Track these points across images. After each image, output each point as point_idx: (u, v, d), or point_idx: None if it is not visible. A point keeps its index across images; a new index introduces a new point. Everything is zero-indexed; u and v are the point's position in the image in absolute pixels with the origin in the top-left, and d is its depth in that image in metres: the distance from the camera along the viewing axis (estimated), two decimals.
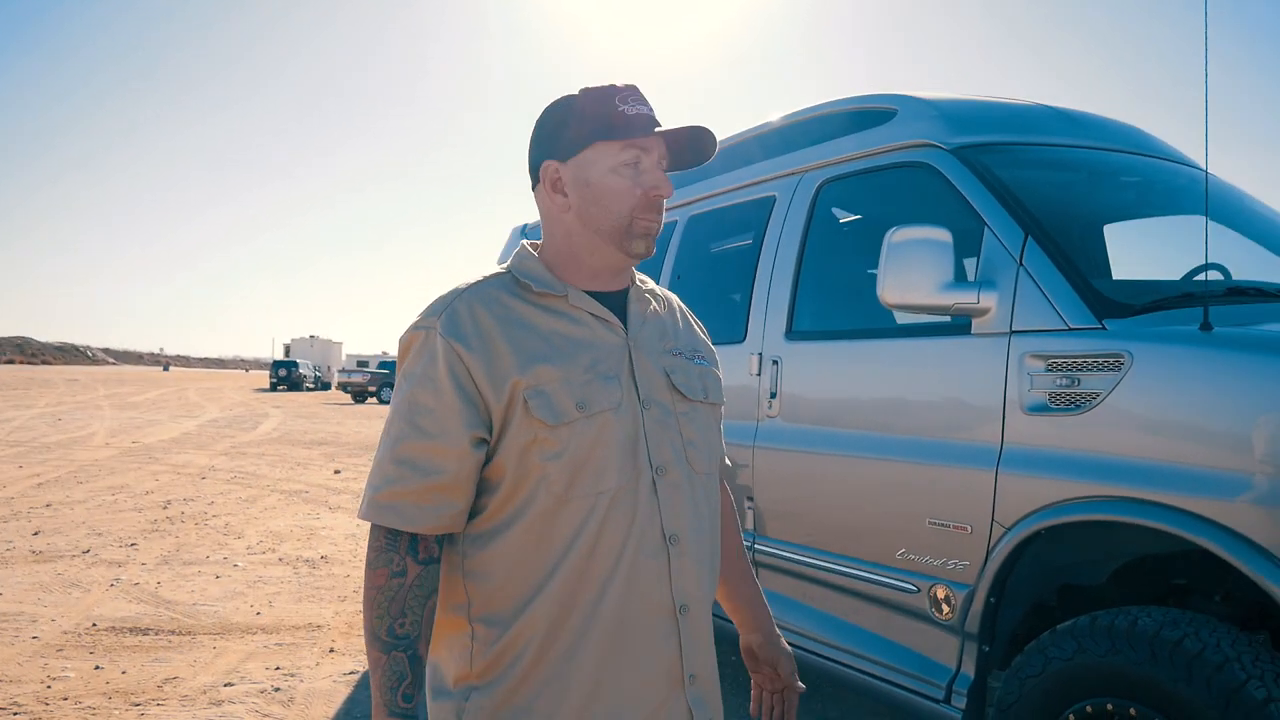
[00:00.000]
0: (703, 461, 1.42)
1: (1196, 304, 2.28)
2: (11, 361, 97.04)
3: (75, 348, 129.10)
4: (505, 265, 1.41)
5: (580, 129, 1.34)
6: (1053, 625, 2.40)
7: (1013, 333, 2.46)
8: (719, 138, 1.57)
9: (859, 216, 3.75)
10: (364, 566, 1.28)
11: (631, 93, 1.35)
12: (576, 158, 1.35)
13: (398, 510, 1.25)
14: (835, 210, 3.65)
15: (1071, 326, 2.34)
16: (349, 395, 38.37)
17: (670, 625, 1.32)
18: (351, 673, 4.29)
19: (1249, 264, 3.05)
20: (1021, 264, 2.50)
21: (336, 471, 12.48)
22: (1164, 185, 3.28)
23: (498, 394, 1.26)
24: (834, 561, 2.97)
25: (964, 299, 2.50)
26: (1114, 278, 3.18)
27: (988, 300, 2.50)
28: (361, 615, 1.31)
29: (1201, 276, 2.81)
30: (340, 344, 74.97)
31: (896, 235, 2.52)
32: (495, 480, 1.29)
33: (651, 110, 1.36)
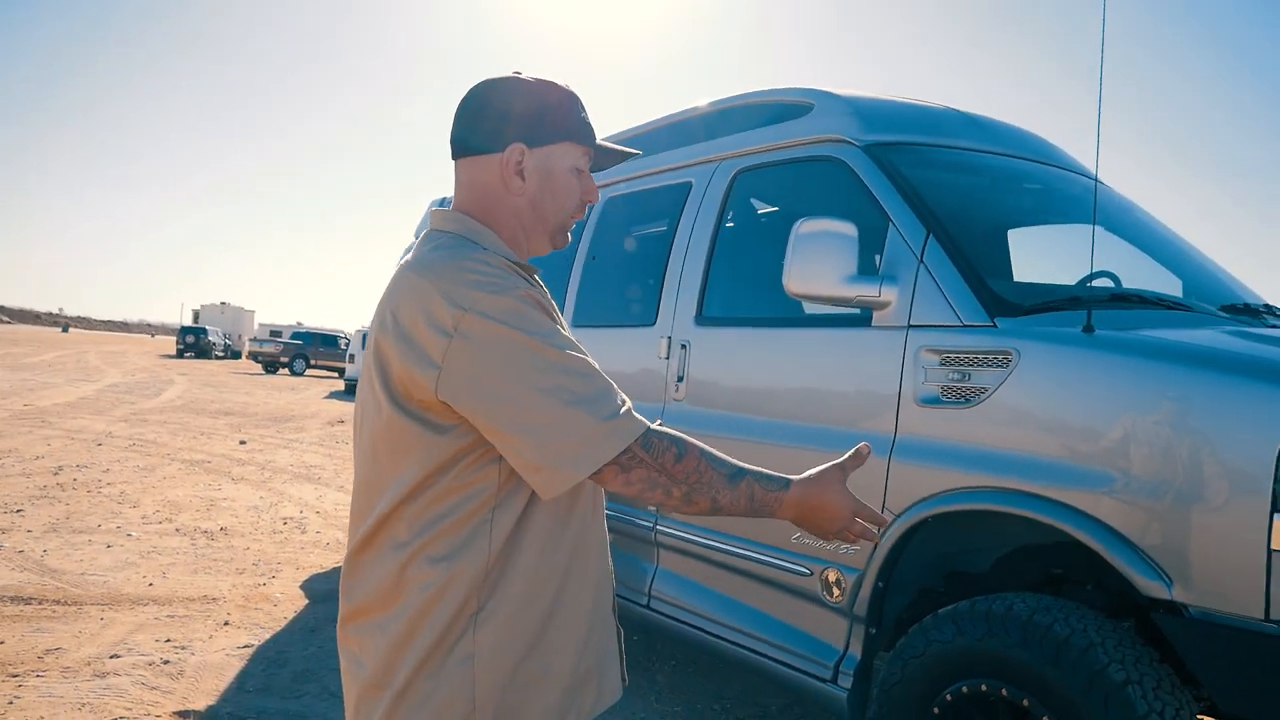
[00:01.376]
0: None
1: (1082, 307, 2.38)
2: None
3: None
4: (459, 234, 1.39)
5: (555, 123, 1.41)
6: (937, 610, 2.49)
7: (910, 327, 2.53)
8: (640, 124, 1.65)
9: (773, 207, 3.80)
10: (662, 471, 1.26)
11: (583, 103, 1.46)
12: (545, 148, 1.40)
13: (633, 422, 1.27)
14: (750, 200, 3.69)
15: (965, 323, 2.42)
16: (260, 365, 37.33)
17: (606, 551, 1.50)
18: (246, 646, 4.20)
19: (1138, 273, 3.19)
20: (922, 261, 2.57)
21: (242, 442, 12.14)
22: (1062, 194, 3.41)
23: None
24: (732, 544, 3.02)
25: (866, 292, 2.56)
26: (1015, 281, 3.31)
27: (889, 294, 2.57)
28: (699, 504, 1.31)
29: (1095, 284, 2.94)
30: (253, 312, 72.81)
31: (804, 227, 2.56)
32: None
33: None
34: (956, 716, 2.26)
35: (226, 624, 4.51)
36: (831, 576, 2.66)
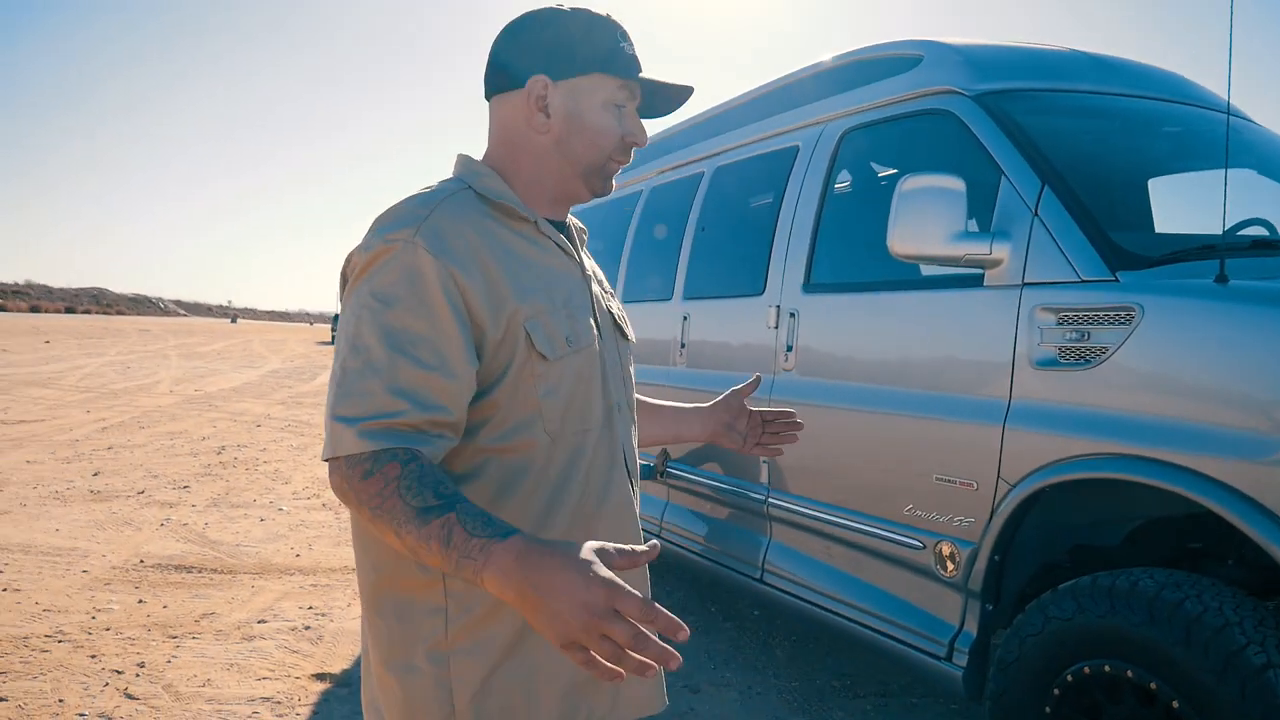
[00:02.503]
0: (633, 398, 1.42)
1: (1216, 256, 2.17)
2: (88, 311, 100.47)
3: (148, 299, 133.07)
4: (456, 176, 1.29)
5: (583, 52, 1.25)
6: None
7: (1024, 285, 2.38)
8: (746, 89, 1.53)
9: (882, 167, 3.66)
10: (354, 493, 1.06)
11: (626, 33, 1.29)
12: (571, 81, 1.25)
13: (396, 436, 1.07)
14: (858, 160, 3.56)
15: (1084, 279, 2.25)
16: None
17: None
18: None
19: None
20: (1036, 214, 2.41)
21: None
22: (1207, 136, 3.12)
23: (495, 323, 1.15)
24: (844, 516, 2.94)
25: (976, 249, 2.42)
26: (1158, 233, 3.06)
27: (1000, 251, 2.42)
28: (382, 534, 1.08)
29: (1248, 232, 2.69)
30: None
31: (908, 183, 2.44)
32: (484, 418, 1.18)
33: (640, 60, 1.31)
34: (1078, 698, 2.13)
35: None
36: (945, 550, 2.54)
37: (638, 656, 0.89)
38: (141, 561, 5.06)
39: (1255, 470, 1.86)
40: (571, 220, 1.40)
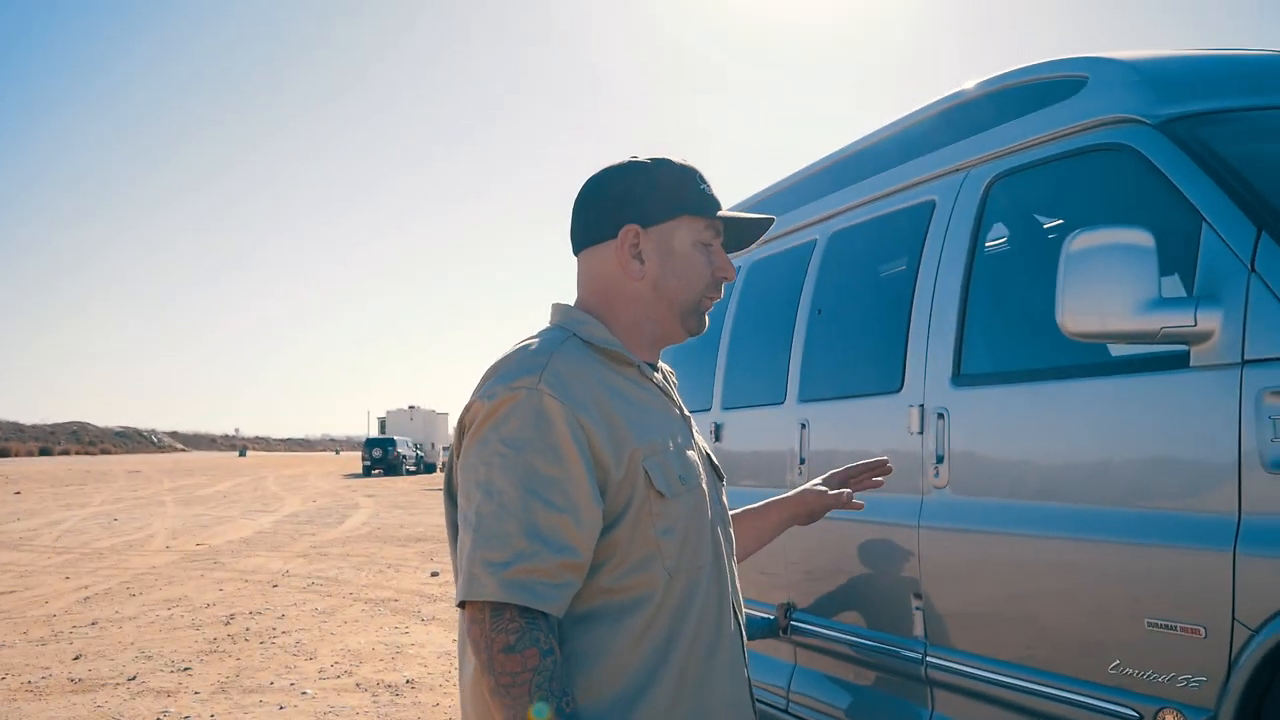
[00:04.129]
0: (733, 534, 1.76)
1: None
2: (67, 452, 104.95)
3: (138, 432, 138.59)
4: (558, 324, 1.63)
5: (668, 198, 1.62)
6: None
7: (1245, 363, 2.34)
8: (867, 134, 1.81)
9: (1047, 219, 3.66)
10: (489, 652, 1.38)
11: (703, 175, 1.68)
12: (660, 226, 1.62)
13: (532, 589, 1.39)
14: (1014, 213, 3.57)
15: None
16: None
17: (748, 690, 1.65)
18: None
19: None
20: (1254, 270, 2.38)
21: (434, 574, 12.87)
22: None
23: (618, 463, 1.48)
24: (1028, 679, 2.85)
25: (1175, 321, 2.39)
26: None
27: (1209, 321, 2.39)
28: (501, 712, 1.39)
29: None
30: (445, 415, 76.58)
31: (1078, 242, 2.45)
32: (604, 557, 1.49)
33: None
34: None
35: None
36: (1168, 719, 2.45)
37: None
38: None
39: None
40: (662, 364, 1.75)
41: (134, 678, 7.18)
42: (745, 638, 1.68)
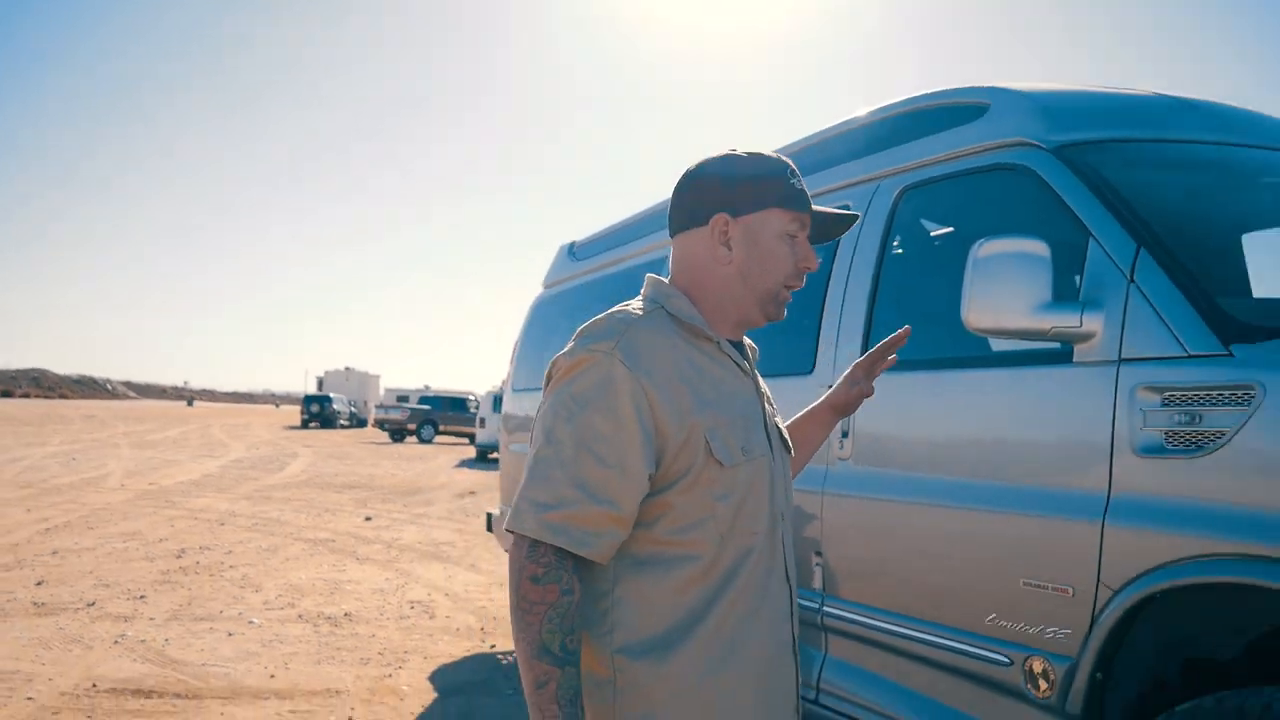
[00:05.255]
0: (792, 510, 1.72)
1: None
2: (27, 395, 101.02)
3: (94, 381, 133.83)
4: (649, 296, 1.62)
5: (758, 191, 1.58)
6: (1172, 707, 2.29)
7: (1122, 360, 2.38)
8: (795, 139, 1.72)
9: (948, 228, 3.70)
10: (518, 577, 1.42)
11: (795, 170, 1.62)
12: (749, 217, 1.58)
13: (569, 533, 1.41)
14: (919, 221, 3.60)
15: (1191, 353, 2.25)
16: (386, 433, 38.97)
17: (791, 658, 1.61)
18: None
19: None
20: (1133, 280, 2.42)
21: (367, 519, 12.67)
22: None
23: (678, 430, 1.46)
24: (915, 628, 2.89)
25: (1064, 322, 2.43)
26: (1255, 296, 3.08)
27: (1092, 323, 2.43)
28: (512, 633, 1.44)
29: None
30: (378, 377, 75.99)
31: (983, 249, 2.47)
32: (659, 513, 1.49)
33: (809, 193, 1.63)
34: None
35: None
36: (1037, 666, 2.50)
37: None
38: (94, 686, 5.01)
39: None
40: (747, 342, 1.73)
41: (93, 604, 6.93)
42: (795, 604, 1.65)
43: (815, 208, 1.64)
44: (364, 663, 5.72)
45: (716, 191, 1.60)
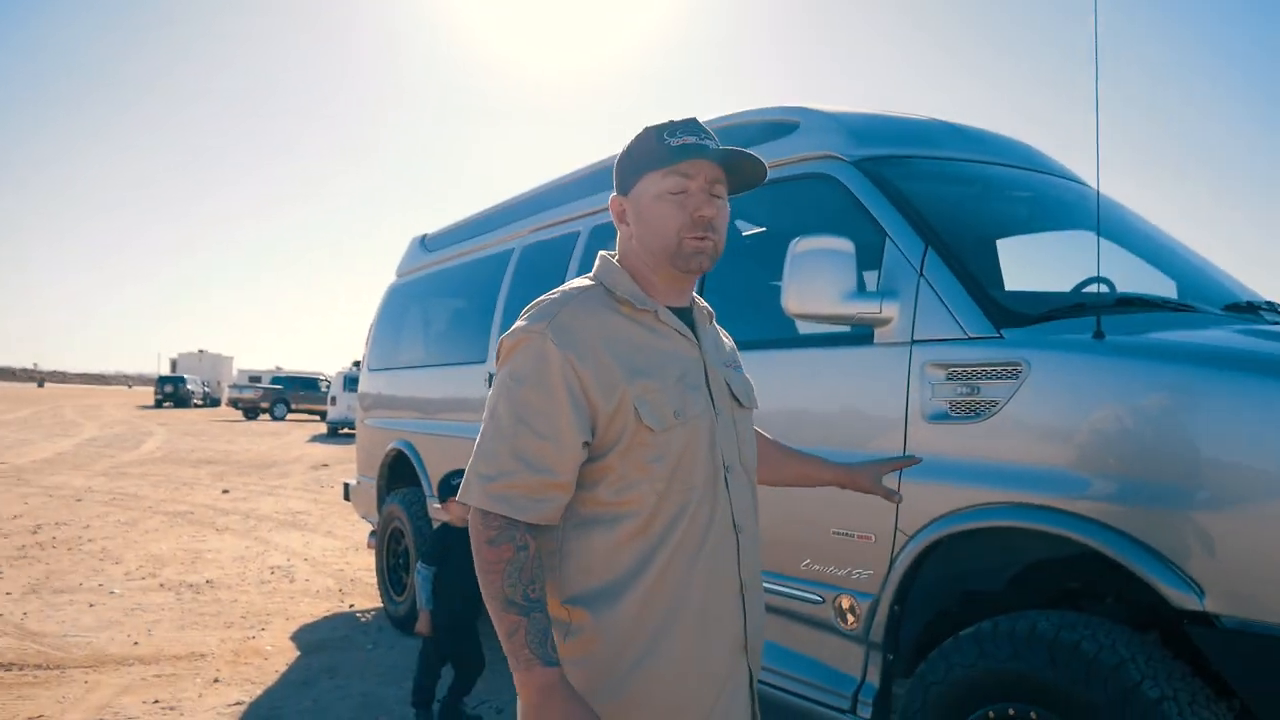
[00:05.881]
0: (751, 459, 1.65)
1: (1089, 314, 2.33)
2: None
3: None
4: (592, 277, 1.56)
5: (633, 163, 1.53)
6: (955, 632, 2.42)
7: (914, 342, 2.48)
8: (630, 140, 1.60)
9: (763, 228, 3.76)
10: (477, 542, 1.41)
11: (683, 124, 1.51)
12: (632, 190, 1.53)
13: (511, 501, 1.40)
14: (737, 221, 3.65)
15: (970, 335, 2.37)
16: (240, 412, 36.94)
17: (737, 602, 1.55)
18: (237, 703, 4.07)
19: (1131, 277, 3.16)
20: (922, 274, 2.53)
21: (225, 491, 11.96)
22: (1054, 200, 3.39)
23: (607, 402, 1.43)
24: None
25: (866, 309, 2.51)
26: (1005, 290, 3.27)
27: (889, 310, 2.52)
28: (482, 587, 1.41)
29: (1092, 289, 2.90)
30: (231, 359, 72.13)
31: (800, 245, 2.52)
32: (600, 476, 1.46)
33: (701, 139, 1.49)
34: None
35: (216, 681, 4.37)
36: (845, 603, 2.59)
37: None
38: None
39: (1140, 513, 1.99)
40: (698, 302, 1.65)
41: None
42: (742, 551, 1.57)
43: (681, 142, 1.49)
44: (227, 626, 5.39)
45: (615, 178, 1.58)
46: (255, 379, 41.76)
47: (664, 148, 1.48)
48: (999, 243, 3.56)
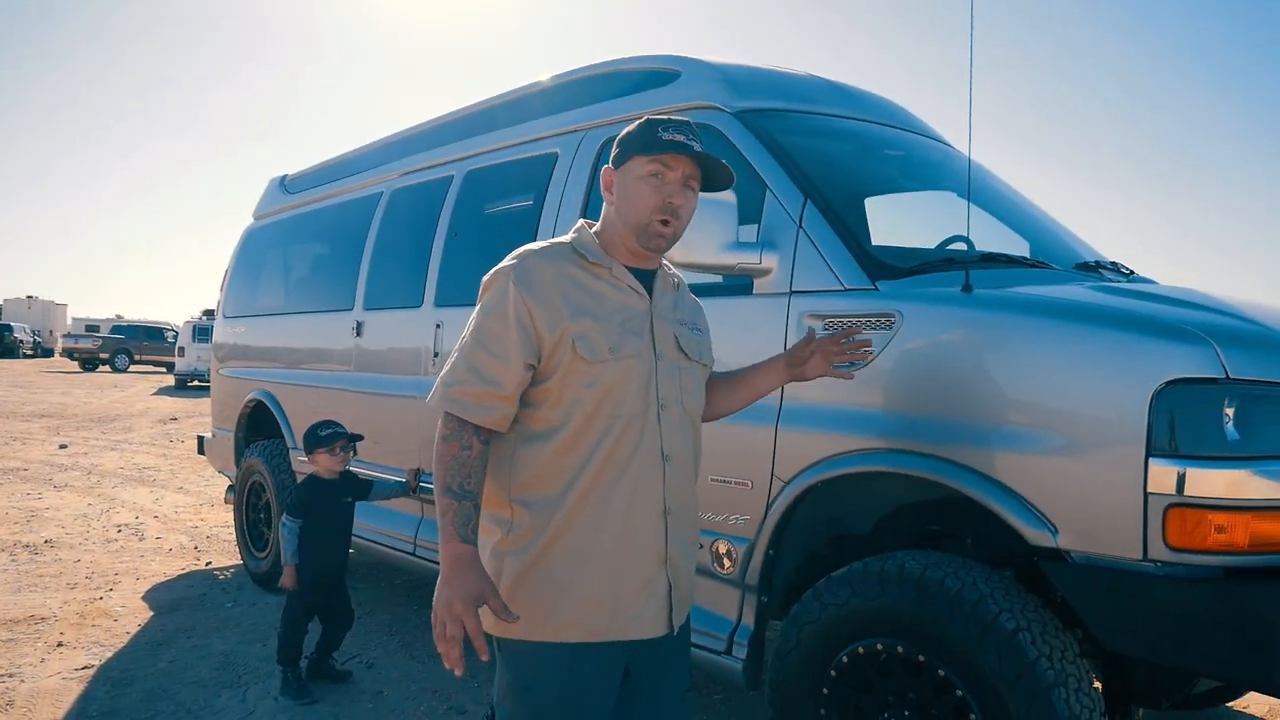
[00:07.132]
0: (694, 405, 1.89)
1: (957, 268, 2.43)
2: None
3: None
4: (569, 238, 1.82)
5: (627, 144, 1.77)
6: (825, 575, 2.50)
7: (792, 293, 2.53)
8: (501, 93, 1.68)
9: None
10: (436, 437, 1.70)
11: (677, 124, 1.75)
12: (622, 167, 1.78)
13: (462, 404, 1.68)
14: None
15: (847, 287, 2.43)
16: (76, 363, 34.53)
17: (660, 522, 1.77)
18: (85, 668, 3.84)
19: (988, 236, 3.30)
20: (801, 227, 2.56)
21: (62, 446, 11.19)
22: (922, 160, 3.49)
23: (551, 332, 1.68)
24: None
25: (746, 259, 2.53)
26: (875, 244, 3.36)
27: (769, 261, 2.55)
28: (433, 474, 1.69)
29: (955, 246, 3.02)
30: (65, 306, 67.25)
31: None
32: (544, 397, 1.72)
33: (687, 140, 1.73)
34: (853, 678, 2.28)
35: (60, 645, 4.11)
36: (722, 548, 2.64)
37: (443, 648, 1.57)
38: None
39: (1003, 458, 2.10)
40: (666, 269, 1.90)
41: None
42: (668, 477, 1.77)
43: (668, 138, 1.72)
44: (71, 587, 5.06)
45: (613, 151, 1.81)
46: (93, 328, 39.02)
47: (655, 139, 1.72)
48: (865, 201, 3.67)
